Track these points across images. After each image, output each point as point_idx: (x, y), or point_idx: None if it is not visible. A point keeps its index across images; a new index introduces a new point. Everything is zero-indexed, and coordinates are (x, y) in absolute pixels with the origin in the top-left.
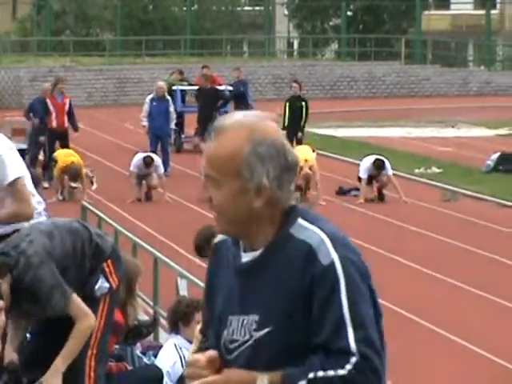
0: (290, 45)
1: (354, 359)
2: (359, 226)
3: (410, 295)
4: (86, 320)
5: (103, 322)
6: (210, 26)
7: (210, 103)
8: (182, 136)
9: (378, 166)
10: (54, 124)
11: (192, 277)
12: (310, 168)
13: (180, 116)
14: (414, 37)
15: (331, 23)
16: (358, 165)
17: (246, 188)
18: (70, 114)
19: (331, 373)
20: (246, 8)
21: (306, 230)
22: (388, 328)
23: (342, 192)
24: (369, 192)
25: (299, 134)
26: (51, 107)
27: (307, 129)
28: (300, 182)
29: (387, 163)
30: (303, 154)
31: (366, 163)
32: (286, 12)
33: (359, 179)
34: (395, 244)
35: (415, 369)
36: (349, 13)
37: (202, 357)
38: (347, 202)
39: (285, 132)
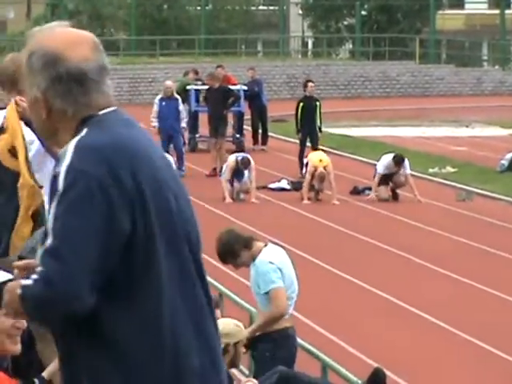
0: (305, 44)
1: (39, 269)
2: (373, 225)
3: (424, 295)
4: None
5: None
6: (225, 25)
7: (219, 102)
8: (197, 136)
9: (398, 161)
10: None
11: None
12: (325, 168)
13: (195, 115)
14: (428, 36)
15: (345, 23)
16: (374, 164)
17: (32, 99)
18: None
19: (25, 282)
20: (261, 7)
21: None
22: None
23: (356, 192)
24: (383, 192)
25: (319, 135)
26: None
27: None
28: (314, 182)
29: (406, 161)
30: (318, 155)
31: (386, 159)
32: (301, 11)
33: (375, 175)
34: (409, 243)
35: (431, 369)
36: (363, 12)
37: None
38: (361, 202)
39: (300, 134)
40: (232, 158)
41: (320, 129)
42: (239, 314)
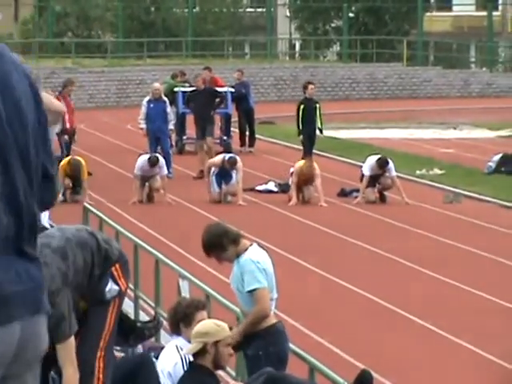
0: (292, 46)
1: None
2: (360, 227)
3: (411, 296)
4: (73, 367)
5: (112, 325)
6: (212, 27)
7: (206, 104)
8: (184, 137)
9: (382, 164)
10: (68, 125)
11: (194, 278)
12: (311, 170)
13: (182, 118)
14: (416, 38)
15: (333, 25)
16: (360, 166)
17: None
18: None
19: None
20: (248, 10)
21: None
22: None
23: (343, 194)
24: (370, 194)
25: (321, 136)
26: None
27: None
28: (296, 179)
29: (391, 163)
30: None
31: (370, 161)
32: (288, 13)
33: (362, 178)
34: (397, 246)
35: (419, 370)
36: (350, 14)
37: None
38: (349, 204)
39: (301, 137)
40: (220, 157)
41: (321, 130)
42: (226, 316)
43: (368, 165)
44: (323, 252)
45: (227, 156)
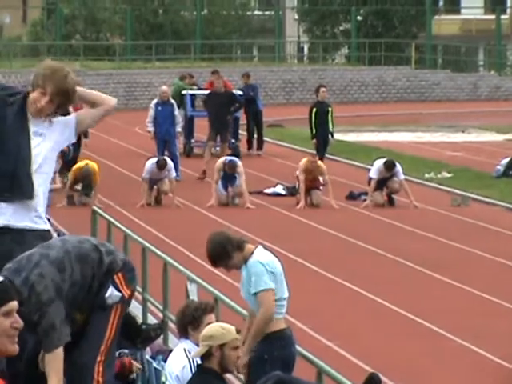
0: (300, 49)
1: None
2: (369, 230)
3: (419, 299)
4: (57, 378)
5: (114, 330)
6: (220, 30)
7: (224, 107)
8: (192, 140)
9: (389, 166)
10: None
11: (202, 281)
12: (321, 172)
13: (190, 120)
14: (425, 41)
15: (341, 28)
16: (369, 169)
17: None
18: None
19: None
20: (256, 12)
21: None
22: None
23: (352, 197)
24: (379, 197)
25: (331, 140)
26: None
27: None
28: (303, 177)
29: (399, 166)
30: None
31: (378, 164)
32: (296, 16)
33: (369, 181)
34: (405, 249)
35: (427, 374)
36: (359, 17)
37: None
38: (357, 207)
39: (314, 141)
40: (220, 160)
41: (332, 134)
42: (234, 319)
43: (375, 168)
44: (332, 255)
45: (227, 160)
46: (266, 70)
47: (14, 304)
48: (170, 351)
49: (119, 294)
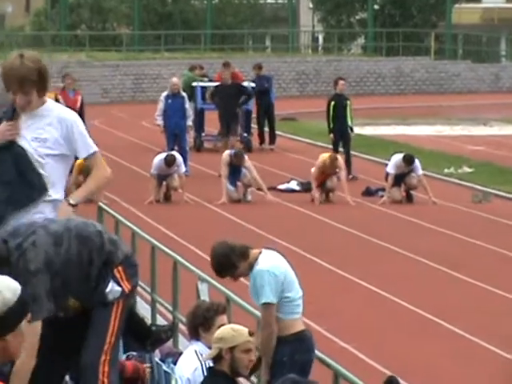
0: (315, 39)
1: None
2: (386, 228)
3: (439, 300)
4: (27, 354)
5: (117, 327)
6: (232, 19)
7: (232, 100)
8: (202, 134)
9: (408, 161)
10: None
11: (213, 281)
12: (338, 166)
13: (200, 113)
14: (444, 31)
15: (357, 17)
16: (386, 164)
17: None
18: (80, 112)
19: None
20: (269, 1)
21: None
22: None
23: (368, 193)
24: (397, 193)
25: (352, 134)
26: (63, 104)
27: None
28: (316, 173)
29: (417, 161)
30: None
31: (396, 159)
32: (311, 5)
33: (387, 177)
34: (424, 247)
35: (447, 377)
36: (376, 6)
37: None
38: (374, 204)
39: (331, 135)
40: (225, 153)
41: (351, 128)
42: (247, 320)
43: (393, 163)
44: (347, 253)
45: (233, 152)
46: (279, 60)
47: None
48: (180, 354)
49: (119, 289)
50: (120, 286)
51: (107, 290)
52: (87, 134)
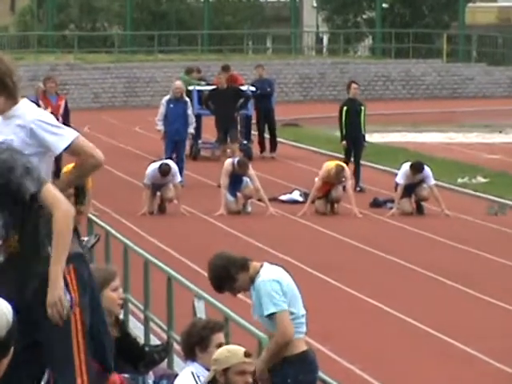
0: (319, 40)
1: None
2: (395, 241)
3: (451, 318)
4: (61, 205)
5: (82, 342)
6: (230, 19)
7: (229, 104)
8: (199, 142)
9: (416, 169)
10: None
11: (210, 298)
12: (344, 176)
13: (197, 119)
14: (457, 32)
15: (365, 16)
16: (396, 174)
17: None
18: (65, 118)
19: None
20: None
21: None
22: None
23: (376, 204)
24: (406, 204)
25: (364, 144)
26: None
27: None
28: (319, 184)
29: (428, 170)
30: (334, 162)
31: (405, 168)
32: (315, 4)
33: (396, 187)
34: (436, 262)
35: None
36: (384, 5)
37: None
38: (382, 216)
39: (344, 143)
40: (228, 162)
41: (364, 137)
42: (247, 340)
43: (402, 172)
44: (354, 269)
45: (236, 160)
46: (281, 63)
47: None
48: (176, 375)
49: (69, 299)
50: (69, 292)
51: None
52: (57, 127)
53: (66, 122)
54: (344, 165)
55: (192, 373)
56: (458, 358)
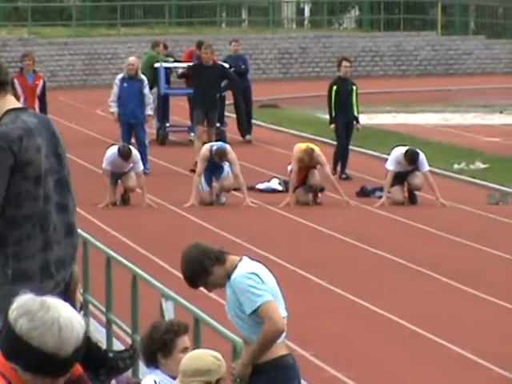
0: (300, 11)
1: None
2: (385, 234)
3: (447, 319)
4: None
5: None
6: None
7: (212, 84)
8: (167, 125)
9: (411, 157)
10: None
11: (179, 298)
12: (318, 162)
13: (164, 100)
14: (453, 1)
15: None
16: (385, 159)
17: None
18: (41, 99)
19: None
20: None
21: None
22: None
23: (364, 193)
24: (397, 193)
25: (358, 126)
26: (19, 89)
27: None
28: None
29: (422, 156)
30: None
31: (396, 153)
32: None
33: (387, 175)
34: (431, 257)
35: None
36: None
37: None
38: (371, 206)
39: (333, 126)
40: (205, 147)
41: (357, 119)
42: (220, 344)
43: (393, 158)
44: (339, 265)
45: (214, 146)
46: (258, 37)
47: None
48: None
49: None
50: None
51: None
52: None
53: (42, 106)
54: (314, 146)
55: (155, 381)
56: (453, 362)
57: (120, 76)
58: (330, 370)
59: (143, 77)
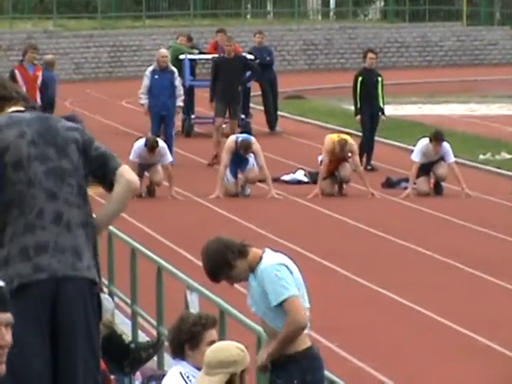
0: (326, 3)
1: None
2: (411, 225)
3: (474, 311)
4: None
5: None
6: None
7: (234, 76)
8: (192, 117)
9: (437, 138)
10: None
11: (204, 290)
12: (350, 150)
13: (190, 92)
14: None
15: None
16: (411, 151)
17: None
18: (42, 90)
19: None
20: None
21: None
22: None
23: (390, 184)
24: (424, 184)
25: (383, 117)
26: (20, 80)
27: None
28: (327, 160)
29: (448, 146)
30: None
31: (422, 144)
32: None
33: (412, 166)
34: (456, 248)
35: None
36: None
37: None
38: (396, 197)
39: (358, 117)
40: (230, 139)
41: (382, 110)
42: (245, 336)
43: (419, 149)
44: (365, 257)
45: (239, 138)
46: (283, 28)
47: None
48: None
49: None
50: None
51: None
52: None
53: (43, 95)
54: (348, 137)
55: (180, 373)
56: (479, 354)
57: (151, 68)
58: (355, 361)
59: (174, 68)
